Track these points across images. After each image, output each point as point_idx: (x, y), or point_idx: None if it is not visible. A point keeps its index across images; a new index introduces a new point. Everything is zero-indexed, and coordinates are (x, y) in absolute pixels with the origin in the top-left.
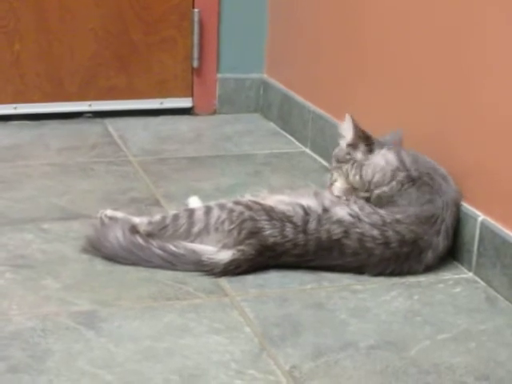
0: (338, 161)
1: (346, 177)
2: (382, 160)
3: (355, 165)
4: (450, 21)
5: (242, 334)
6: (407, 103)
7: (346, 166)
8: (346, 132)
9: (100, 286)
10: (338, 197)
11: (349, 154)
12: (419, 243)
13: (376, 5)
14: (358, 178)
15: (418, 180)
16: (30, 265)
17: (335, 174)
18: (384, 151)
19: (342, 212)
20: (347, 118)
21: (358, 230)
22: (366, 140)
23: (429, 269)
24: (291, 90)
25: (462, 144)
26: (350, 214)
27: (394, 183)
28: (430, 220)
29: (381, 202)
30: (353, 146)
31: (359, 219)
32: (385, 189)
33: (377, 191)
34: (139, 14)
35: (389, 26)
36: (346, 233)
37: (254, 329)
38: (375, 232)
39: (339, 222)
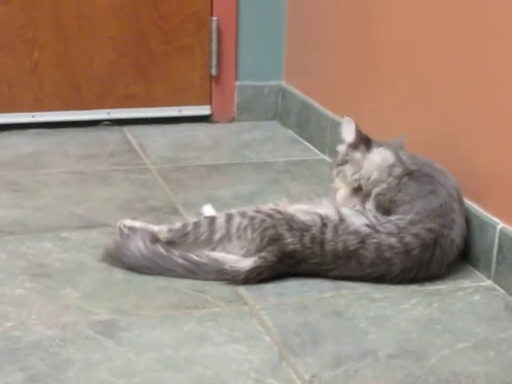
0: (338, 164)
1: (345, 178)
2: (379, 157)
3: (353, 164)
4: (466, 26)
5: (261, 342)
6: (426, 111)
7: (344, 167)
8: (347, 134)
9: (119, 295)
10: (341, 204)
11: (347, 154)
12: (441, 241)
13: (394, 12)
14: (356, 176)
15: (415, 172)
16: (48, 274)
17: (337, 181)
18: (381, 149)
19: (358, 222)
20: (348, 120)
21: (374, 240)
22: (366, 141)
23: (450, 267)
24: (309, 97)
25: (479, 151)
26: (367, 225)
27: (391, 179)
28: (439, 210)
29: (381, 204)
30: (353, 146)
31: (376, 230)
32: (383, 186)
33: (376, 190)
34: (157, 22)
35: (408, 33)
36: (363, 243)
37: (273, 337)
38: (393, 240)
39: (355, 232)
